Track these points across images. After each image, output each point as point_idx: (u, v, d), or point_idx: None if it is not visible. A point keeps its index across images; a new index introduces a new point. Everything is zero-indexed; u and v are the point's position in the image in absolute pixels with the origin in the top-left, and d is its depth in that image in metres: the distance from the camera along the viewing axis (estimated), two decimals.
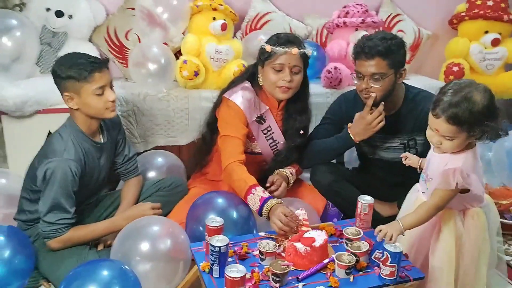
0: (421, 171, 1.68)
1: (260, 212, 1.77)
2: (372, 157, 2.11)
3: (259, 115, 2.07)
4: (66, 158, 1.73)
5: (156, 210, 1.98)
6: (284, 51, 1.94)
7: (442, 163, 1.50)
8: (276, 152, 2.13)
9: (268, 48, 1.96)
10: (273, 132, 2.11)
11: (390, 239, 1.45)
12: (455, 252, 1.55)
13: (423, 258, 1.62)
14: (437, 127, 1.46)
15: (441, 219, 1.58)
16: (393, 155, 2.04)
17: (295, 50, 1.93)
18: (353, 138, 1.98)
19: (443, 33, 3.31)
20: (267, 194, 1.79)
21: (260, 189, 1.81)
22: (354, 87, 2.70)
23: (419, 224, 1.52)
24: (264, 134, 2.11)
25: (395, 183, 2.08)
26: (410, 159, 1.76)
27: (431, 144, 1.56)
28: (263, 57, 1.99)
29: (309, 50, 2.01)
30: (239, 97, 2.02)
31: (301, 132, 2.10)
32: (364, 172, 2.26)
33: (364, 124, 1.93)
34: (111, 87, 1.82)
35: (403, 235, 1.50)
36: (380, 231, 1.48)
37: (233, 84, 2.11)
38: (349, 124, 2.01)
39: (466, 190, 1.51)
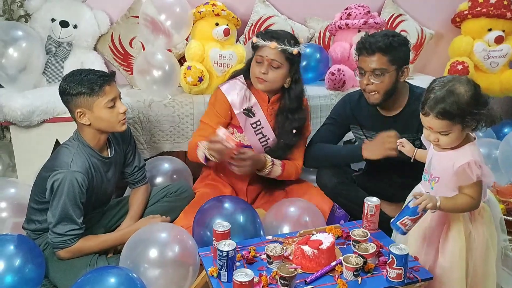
0: (415, 161, 1.68)
1: (206, 159, 1.96)
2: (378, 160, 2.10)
3: (247, 107, 2.11)
4: (73, 170, 1.74)
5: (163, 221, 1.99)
6: (264, 44, 1.99)
7: (448, 162, 1.51)
8: (267, 149, 2.15)
9: (254, 40, 2.04)
10: (262, 127, 2.13)
11: (424, 208, 1.44)
12: (465, 248, 1.55)
13: (432, 259, 1.61)
14: (430, 125, 1.50)
15: (449, 218, 1.58)
16: (399, 156, 2.03)
17: (273, 45, 1.97)
18: (362, 150, 1.99)
19: (446, 32, 3.31)
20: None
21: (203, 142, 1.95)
22: (358, 88, 2.77)
23: (454, 211, 1.53)
24: (254, 128, 2.13)
25: (402, 183, 2.07)
26: (405, 147, 1.78)
27: (430, 143, 1.58)
28: (252, 49, 2.07)
29: (293, 49, 2.00)
30: (227, 85, 2.13)
31: (294, 131, 2.10)
32: (370, 173, 2.25)
33: (377, 141, 1.93)
34: (120, 99, 1.85)
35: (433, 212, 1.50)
36: (418, 196, 1.46)
37: (230, 77, 2.19)
38: (366, 141, 2.04)
39: None
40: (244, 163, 1.98)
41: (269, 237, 1.74)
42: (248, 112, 2.13)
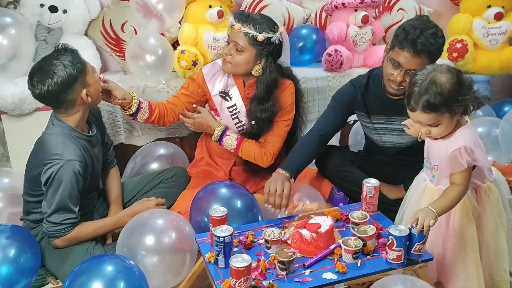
0: (422, 141, 1.64)
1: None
2: (382, 145, 2.07)
3: (224, 90, 2.10)
4: (69, 159, 1.70)
5: (161, 206, 1.97)
6: (232, 25, 1.97)
7: (443, 149, 1.50)
8: (243, 134, 2.12)
9: (230, 19, 2.01)
10: (238, 112, 2.10)
11: (428, 228, 1.40)
12: (476, 231, 1.54)
13: (440, 244, 1.60)
14: (418, 119, 1.49)
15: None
16: (402, 139, 1.99)
17: (237, 26, 1.94)
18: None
19: (445, 10, 3.24)
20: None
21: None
22: (355, 69, 2.73)
23: (451, 208, 1.49)
24: (230, 112, 2.11)
25: (402, 164, 2.06)
26: (410, 129, 1.72)
27: (423, 136, 1.56)
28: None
29: (257, 34, 1.91)
30: (209, 65, 2.16)
31: (254, 121, 2.05)
32: (370, 154, 2.22)
33: None
34: None
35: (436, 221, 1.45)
36: (416, 222, 1.41)
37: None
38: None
39: (473, 167, 1.50)
40: (189, 121, 2.11)
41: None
42: (225, 96, 2.11)
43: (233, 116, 2.12)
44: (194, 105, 2.15)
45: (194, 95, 2.14)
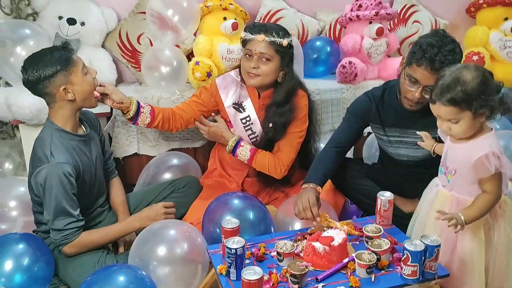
0: (435, 155, 1.62)
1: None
2: (397, 158, 2.04)
3: (237, 101, 2.11)
4: (57, 162, 1.68)
5: (169, 209, 1.96)
6: (252, 38, 1.96)
7: (465, 154, 1.47)
8: (255, 144, 2.13)
9: (243, 34, 2.01)
10: (252, 123, 2.11)
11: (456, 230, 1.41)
12: (484, 242, 1.51)
13: (449, 255, 1.57)
14: (438, 113, 1.48)
15: None
16: (417, 153, 1.96)
17: (261, 37, 1.94)
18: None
19: (461, 22, 3.23)
20: None
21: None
22: (369, 81, 2.72)
23: (480, 217, 1.47)
24: (243, 124, 2.12)
25: (417, 177, 2.02)
26: (424, 142, 1.73)
27: (444, 133, 1.55)
28: (242, 44, 2.05)
29: (282, 40, 1.96)
30: (221, 77, 2.18)
31: (270, 125, 2.05)
32: (384, 167, 2.19)
33: None
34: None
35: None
36: (449, 218, 1.41)
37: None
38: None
39: None
40: (204, 129, 2.12)
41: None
42: (238, 107, 2.12)
43: (247, 128, 2.12)
44: (213, 114, 2.18)
45: (206, 104, 2.16)
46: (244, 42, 2.02)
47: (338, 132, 2.05)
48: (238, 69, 2.15)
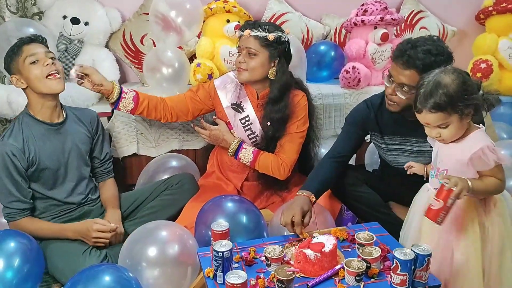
0: (427, 178, 1.60)
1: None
2: (397, 167, 2.01)
3: (236, 102, 2.10)
4: (5, 142, 1.79)
5: (102, 234, 1.84)
6: (240, 34, 2.01)
7: (456, 152, 1.48)
8: (257, 146, 2.11)
9: (237, 33, 2.05)
10: (251, 123, 2.10)
11: (457, 196, 1.38)
12: (480, 242, 1.50)
13: (450, 255, 1.54)
14: (425, 121, 1.48)
15: (463, 211, 1.51)
16: (416, 161, 1.92)
17: (247, 32, 1.97)
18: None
19: (470, 29, 3.18)
20: None
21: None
22: (373, 87, 2.68)
23: (485, 194, 1.49)
24: (243, 124, 2.11)
25: (416, 186, 1.98)
26: (414, 167, 1.73)
27: (435, 140, 1.54)
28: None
29: (267, 34, 1.96)
30: (220, 79, 2.17)
31: (269, 123, 2.04)
32: (384, 174, 2.16)
33: None
34: (52, 59, 1.86)
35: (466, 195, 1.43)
36: (448, 179, 1.40)
37: None
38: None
39: None
40: (204, 132, 2.10)
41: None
42: (237, 107, 2.11)
43: (246, 128, 2.11)
44: (214, 117, 2.17)
45: (202, 101, 2.15)
46: (238, 41, 2.05)
47: (338, 143, 2.02)
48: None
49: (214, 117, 2.18)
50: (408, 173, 1.74)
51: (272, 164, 2.05)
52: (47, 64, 1.82)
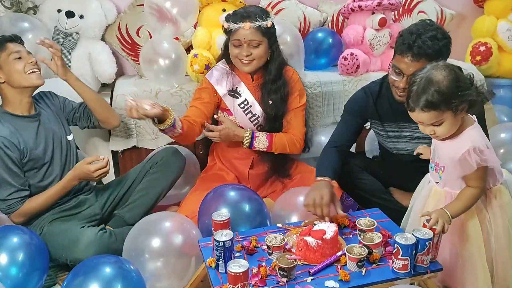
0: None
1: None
2: (397, 153, 2.00)
3: (232, 88, 2.11)
4: None
5: (98, 165, 1.87)
6: (238, 27, 1.97)
7: (451, 150, 1.46)
8: (259, 127, 2.14)
9: (226, 25, 2.01)
10: (250, 106, 2.11)
11: (443, 231, 1.38)
12: (483, 235, 1.50)
13: (455, 249, 1.55)
14: (419, 119, 1.45)
15: None
16: (416, 147, 1.92)
17: (247, 25, 1.95)
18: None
19: (468, 12, 3.15)
20: None
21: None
22: (372, 73, 2.67)
23: (465, 210, 1.47)
24: (242, 108, 2.12)
25: (417, 171, 1.97)
26: (423, 153, 1.71)
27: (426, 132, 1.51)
28: (226, 34, 2.06)
29: (267, 22, 1.98)
30: (210, 72, 2.18)
31: (271, 101, 2.07)
32: (384, 161, 2.16)
33: None
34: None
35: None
36: (429, 218, 1.40)
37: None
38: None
39: None
40: (214, 134, 2.07)
41: (280, 225, 1.70)
42: (234, 93, 2.12)
43: (246, 111, 2.12)
44: (216, 116, 2.16)
45: (212, 101, 2.14)
46: (229, 32, 2.02)
47: (337, 132, 2.02)
48: (223, 59, 2.16)
49: (215, 116, 2.16)
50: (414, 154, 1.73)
51: (287, 142, 2.10)
52: (31, 62, 1.91)
